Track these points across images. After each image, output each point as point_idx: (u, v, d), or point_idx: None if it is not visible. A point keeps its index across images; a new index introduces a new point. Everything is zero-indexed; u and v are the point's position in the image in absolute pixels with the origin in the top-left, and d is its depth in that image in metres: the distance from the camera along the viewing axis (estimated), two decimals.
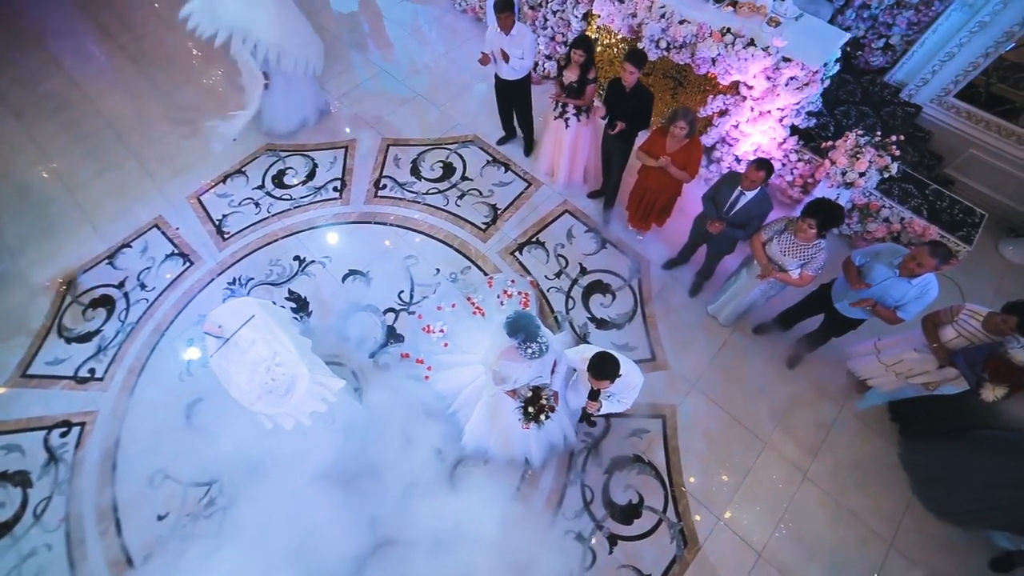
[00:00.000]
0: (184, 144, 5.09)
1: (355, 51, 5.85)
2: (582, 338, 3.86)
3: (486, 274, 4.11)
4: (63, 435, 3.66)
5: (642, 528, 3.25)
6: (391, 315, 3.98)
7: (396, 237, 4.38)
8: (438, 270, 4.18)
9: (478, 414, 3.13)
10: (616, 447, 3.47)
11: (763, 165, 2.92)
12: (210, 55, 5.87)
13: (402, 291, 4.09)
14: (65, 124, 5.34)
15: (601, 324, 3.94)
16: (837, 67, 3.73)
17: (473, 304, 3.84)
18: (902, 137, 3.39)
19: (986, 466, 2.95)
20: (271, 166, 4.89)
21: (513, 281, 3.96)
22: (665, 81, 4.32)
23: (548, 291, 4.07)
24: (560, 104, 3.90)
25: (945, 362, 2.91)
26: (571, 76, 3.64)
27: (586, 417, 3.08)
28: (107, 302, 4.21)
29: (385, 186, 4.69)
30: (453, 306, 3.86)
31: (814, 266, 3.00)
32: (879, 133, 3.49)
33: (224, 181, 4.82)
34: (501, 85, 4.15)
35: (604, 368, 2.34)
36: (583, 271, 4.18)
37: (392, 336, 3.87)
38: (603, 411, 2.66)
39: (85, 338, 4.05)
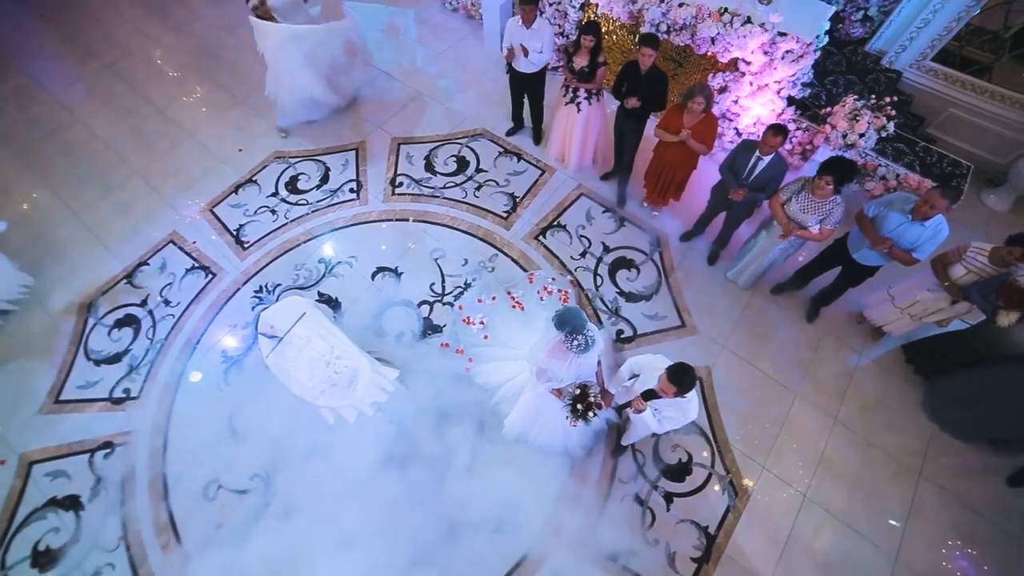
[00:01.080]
0: (188, 158, 5.05)
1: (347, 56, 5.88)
2: (615, 312, 4.02)
3: (524, 269, 4.20)
4: (107, 456, 3.62)
5: (694, 484, 3.42)
6: (426, 307, 4.06)
7: (420, 232, 4.46)
8: (466, 261, 4.28)
9: (520, 410, 3.19)
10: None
11: (780, 130, 3.14)
12: (197, 68, 5.83)
13: (433, 283, 4.17)
14: (59, 148, 5.21)
15: (630, 297, 4.10)
16: (827, 38, 3.99)
17: (513, 298, 3.93)
18: (895, 98, 3.66)
19: (1003, 386, 3.22)
20: (282, 173, 4.90)
21: (553, 279, 4.05)
22: (666, 63, 4.52)
23: (576, 271, 4.22)
24: (571, 89, 4.05)
25: (958, 297, 3.17)
26: (581, 61, 3.79)
27: (621, 409, 3.07)
28: (132, 321, 4.16)
29: (401, 183, 4.76)
30: (493, 299, 3.94)
31: (832, 220, 3.22)
32: (873, 97, 3.75)
33: (236, 191, 4.80)
34: (517, 77, 4.28)
35: (684, 377, 2.34)
36: (606, 249, 4.34)
37: (430, 328, 3.95)
38: (639, 417, 2.68)
39: (114, 359, 4.00)
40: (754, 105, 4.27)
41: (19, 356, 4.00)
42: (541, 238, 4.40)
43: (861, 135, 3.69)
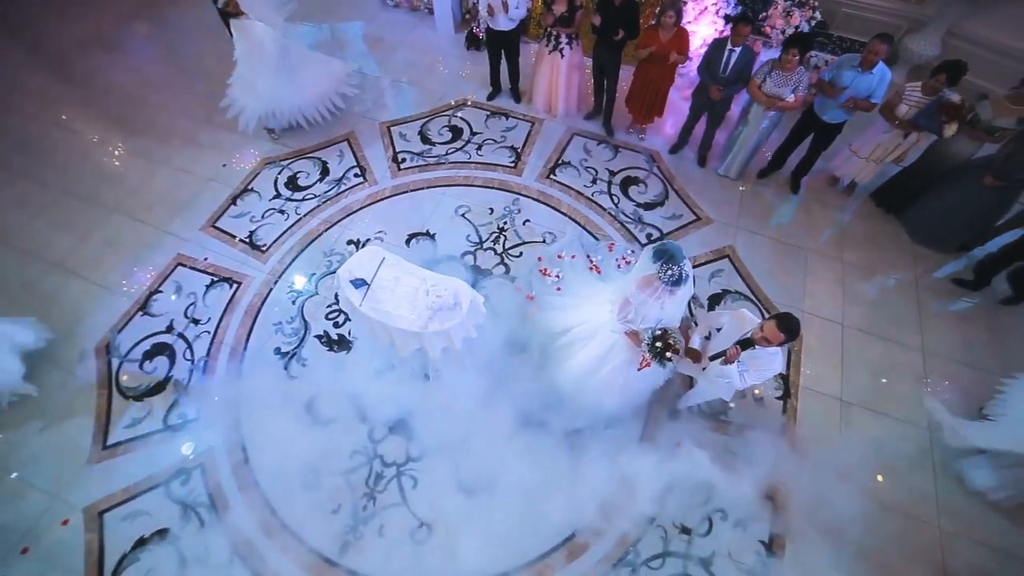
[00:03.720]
0: (170, 185, 4.79)
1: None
2: (639, 220, 4.42)
3: (548, 206, 4.47)
4: (184, 482, 3.36)
5: None
6: (470, 257, 4.20)
7: (440, 195, 4.60)
8: (492, 209, 4.48)
9: (587, 353, 3.12)
10: (707, 289, 4.06)
11: (748, 20, 3.73)
12: (145, 103, 5.54)
13: (468, 235, 4.32)
14: (9, 204, 4.72)
15: (647, 207, 4.53)
16: None
17: (592, 261, 4.09)
18: None
19: (956, 193, 4.00)
20: (278, 175, 4.82)
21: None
22: None
23: (593, 196, 4.58)
24: (553, 37, 4.44)
25: (909, 130, 3.92)
26: (560, 8, 4.21)
27: (715, 359, 2.78)
28: (163, 349, 3.89)
29: (404, 159, 4.87)
30: (573, 257, 4.10)
31: (803, 87, 3.86)
32: None
33: (234, 202, 4.65)
34: (495, 37, 4.60)
35: (792, 325, 2.37)
36: (612, 173, 4.75)
37: (479, 273, 4.09)
38: (723, 372, 2.65)
39: (156, 389, 3.72)
40: (699, 28, 4.93)
41: (45, 417, 3.59)
42: (552, 176, 4.72)
43: (796, 27, 4.41)
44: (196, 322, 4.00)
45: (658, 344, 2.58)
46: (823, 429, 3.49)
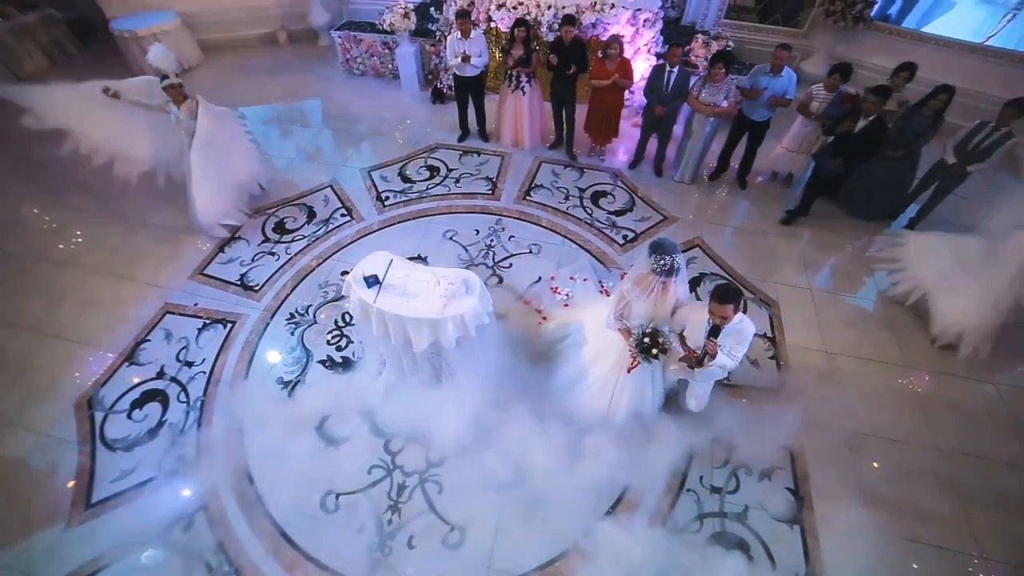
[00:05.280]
0: (152, 240, 4.80)
1: (284, 124, 6.29)
2: (613, 225, 4.81)
3: (531, 223, 4.81)
4: (186, 530, 3.10)
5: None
6: None
7: (426, 224, 4.85)
8: (478, 231, 4.76)
9: (582, 355, 3.28)
10: (686, 274, 4.39)
11: (679, 44, 4.46)
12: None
13: (460, 254, 4.54)
14: None
15: (618, 214, 4.96)
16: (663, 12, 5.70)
17: (603, 286, 4.25)
18: (722, 30, 5.37)
19: (868, 172, 4.69)
20: (264, 223, 4.94)
21: None
22: None
23: (568, 210, 4.98)
24: (514, 78, 5.06)
25: (824, 121, 4.65)
26: (518, 51, 4.86)
27: (699, 362, 2.72)
28: (155, 395, 3.71)
29: (388, 197, 5.15)
30: (585, 280, 4.27)
31: (732, 94, 4.55)
32: (710, 31, 5.44)
33: (222, 249, 4.69)
34: (462, 83, 5.17)
35: (728, 292, 2.43)
36: (581, 190, 5.21)
37: None
38: (714, 363, 2.63)
39: (148, 436, 3.50)
40: (637, 65, 5.74)
41: (15, 484, 3.27)
42: (528, 198, 5.12)
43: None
44: (189, 365, 3.87)
45: (646, 340, 2.63)
46: (816, 378, 3.73)
